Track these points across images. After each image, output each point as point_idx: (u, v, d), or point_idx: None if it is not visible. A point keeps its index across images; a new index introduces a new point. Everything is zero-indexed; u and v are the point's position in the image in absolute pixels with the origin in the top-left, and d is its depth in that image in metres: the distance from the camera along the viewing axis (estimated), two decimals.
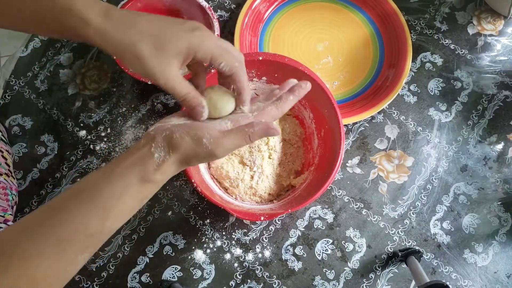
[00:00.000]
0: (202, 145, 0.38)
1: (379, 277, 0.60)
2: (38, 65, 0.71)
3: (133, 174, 0.36)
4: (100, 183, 0.36)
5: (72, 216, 0.35)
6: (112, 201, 0.36)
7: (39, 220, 0.35)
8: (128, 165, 0.37)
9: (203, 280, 0.59)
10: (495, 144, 0.68)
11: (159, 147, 0.37)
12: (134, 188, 0.37)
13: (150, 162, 0.37)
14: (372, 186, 0.64)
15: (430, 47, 0.74)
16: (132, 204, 0.37)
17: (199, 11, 0.67)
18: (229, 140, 0.39)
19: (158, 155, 0.37)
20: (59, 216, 0.35)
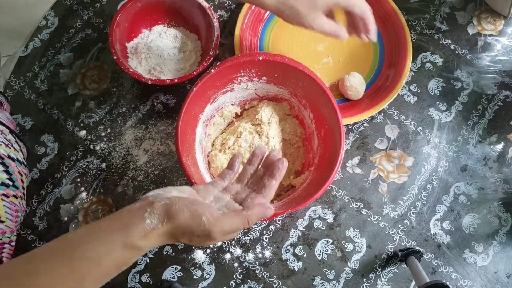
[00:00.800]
0: (200, 222, 0.37)
1: (379, 277, 0.60)
2: (38, 65, 0.71)
3: (118, 238, 0.35)
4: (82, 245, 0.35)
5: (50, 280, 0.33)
6: (91, 266, 0.35)
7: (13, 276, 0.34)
8: (114, 228, 0.36)
9: (203, 280, 0.59)
10: (495, 144, 0.68)
11: (153, 213, 0.37)
12: (116, 252, 0.35)
13: (139, 228, 0.36)
14: (372, 186, 0.64)
15: (430, 47, 0.74)
16: (111, 269, 0.36)
17: (199, 11, 0.67)
18: (228, 221, 0.39)
19: (150, 221, 0.36)
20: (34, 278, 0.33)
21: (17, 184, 0.56)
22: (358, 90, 0.66)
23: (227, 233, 0.39)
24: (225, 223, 0.39)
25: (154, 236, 0.37)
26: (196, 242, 0.40)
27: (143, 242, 0.36)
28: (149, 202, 0.37)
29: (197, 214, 0.37)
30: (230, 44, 0.71)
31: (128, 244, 0.35)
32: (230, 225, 0.39)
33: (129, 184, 0.63)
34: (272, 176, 0.44)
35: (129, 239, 0.35)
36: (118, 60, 0.61)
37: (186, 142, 0.55)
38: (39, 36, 0.73)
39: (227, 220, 0.39)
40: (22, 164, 0.59)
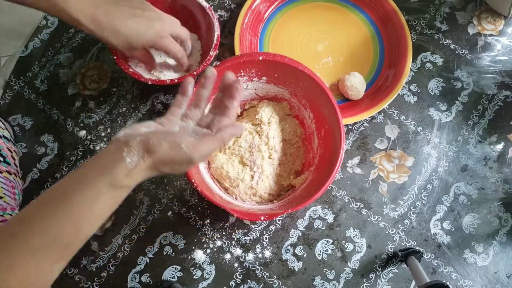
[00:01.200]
0: (181, 150, 0.40)
1: (379, 277, 0.60)
2: (38, 65, 0.71)
3: (103, 181, 0.37)
4: (71, 191, 0.36)
5: (47, 226, 0.35)
6: (84, 209, 0.36)
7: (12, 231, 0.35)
8: (98, 172, 0.37)
9: (203, 280, 0.59)
10: (495, 144, 0.68)
11: (132, 152, 0.38)
12: (105, 195, 0.37)
13: (121, 167, 0.37)
14: (372, 186, 0.64)
15: (430, 47, 0.74)
16: (104, 210, 0.38)
17: (199, 11, 0.67)
18: (205, 146, 0.42)
19: (130, 160, 0.38)
20: (32, 226, 0.35)
21: (8, 160, 0.56)
22: (358, 90, 0.66)
23: (206, 156, 0.43)
24: (203, 148, 0.41)
25: (137, 172, 0.38)
26: (177, 169, 0.42)
27: (128, 180, 0.38)
28: (123, 142, 0.38)
29: (176, 143, 0.40)
30: (230, 44, 0.70)
31: (114, 184, 0.37)
32: (208, 149, 0.42)
33: None
34: (232, 97, 0.46)
35: (114, 180, 0.37)
36: (118, 60, 0.61)
37: None
38: (39, 36, 0.73)
39: (204, 145, 0.42)
40: (10, 141, 0.59)
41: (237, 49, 0.68)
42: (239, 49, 0.68)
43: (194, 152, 0.40)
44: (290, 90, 0.61)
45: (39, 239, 0.34)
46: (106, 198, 0.37)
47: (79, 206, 0.36)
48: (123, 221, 0.61)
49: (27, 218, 0.36)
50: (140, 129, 0.41)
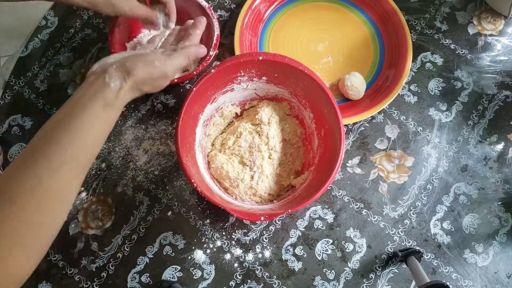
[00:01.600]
0: (155, 66, 0.46)
1: (379, 277, 0.60)
2: (38, 65, 0.71)
3: (97, 104, 0.42)
4: (69, 119, 0.41)
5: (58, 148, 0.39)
6: (86, 130, 0.41)
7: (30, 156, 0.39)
8: (88, 98, 0.42)
9: (203, 280, 0.59)
10: (496, 144, 0.68)
11: (113, 77, 0.43)
12: (100, 115, 0.42)
13: (108, 91, 0.43)
14: (372, 186, 0.64)
15: (430, 47, 0.74)
16: (102, 129, 0.43)
17: (199, 11, 0.67)
18: (174, 60, 0.49)
19: (114, 84, 0.43)
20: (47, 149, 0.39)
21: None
22: (359, 89, 0.66)
23: (177, 70, 0.50)
24: (174, 62, 0.49)
25: (123, 94, 0.44)
26: (156, 85, 0.48)
27: (117, 101, 0.44)
28: (101, 71, 0.44)
29: (149, 61, 0.46)
30: (230, 44, 0.70)
31: (107, 104, 0.43)
32: (177, 62, 0.49)
33: (128, 184, 0.63)
34: (195, 27, 0.54)
35: (106, 100, 0.43)
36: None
37: (186, 142, 0.55)
38: (39, 36, 0.73)
39: (174, 59, 0.49)
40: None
41: (237, 49, 0.68)
42: (239, 49, 0.68)
43: (166, 65, 0.47)
44: (290, 90, 0.61)
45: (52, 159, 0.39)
46: (102, 118, 0.42)
47: (81, 128, 0.40)
48: (123, 221, 0.61)
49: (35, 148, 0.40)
50: (109, 60, 0.46)
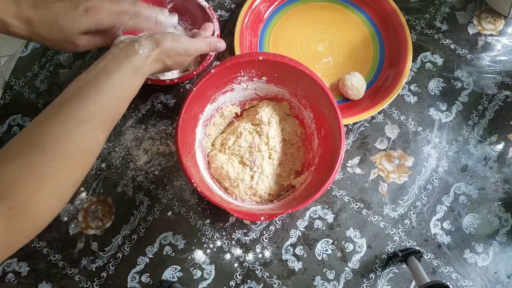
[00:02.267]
0: (181, 41, 0.51)
1: (379, 277, 0.60)
2: (38, 65, 0.71)
3: (126, 68, 0.45)
4: (101, 77, 0.44)
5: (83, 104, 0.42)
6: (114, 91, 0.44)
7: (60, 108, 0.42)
8: (118, 62, 0.45)
9: (203, 280, 0.59)
10: (496, 144, 0.68)
11: (143, 45, 0.47)
12: (128, 78, 0.45)
13: (137, 57, 0.46)
14: (372, 186, 0.64)
15: (430, 47, 0.74)
16: (130, 92, 0.47)
17: (199, 11, 0.67)
18: (198, 42, 0.54)
19: (143, 51, 0.47)
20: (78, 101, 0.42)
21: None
22: (359, 89, 0.66)
23: (198, 51, 0.55)
24: (197, 43, 0.54)
25: (149, 62, 0.48)
26: (178, 61, 0.52)
27: (145, 67, 0.47)
28: (132, 40, 0.48)
29: (177, 37, 0.51)
30: (230, 44, 0.70)
31: (136, 69, 0.46)
32: (200, 46, 0.55)
33: (129, 184, 0.63)
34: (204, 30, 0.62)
35: (135, 66, 0.46)
36: None
37: (186, 142, 0.55)
38: None
39: (197, 42, 0.54)
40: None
41: (237, 49, 0.68)
42: (239, 49, 0.68)
43: (191, 43, 0.52)
44: (290, 90, 0.61)
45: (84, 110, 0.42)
46: (129, 82, 0.46)
47: (110, 88, 0.44)
48: (123, 221, 0.61)
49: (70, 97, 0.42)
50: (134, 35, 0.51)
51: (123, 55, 0.46)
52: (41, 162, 0.39)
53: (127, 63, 0.45)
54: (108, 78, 0.44)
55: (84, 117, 0.42)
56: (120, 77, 0.44)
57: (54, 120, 0.41)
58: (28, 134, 0.41)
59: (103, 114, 0.43)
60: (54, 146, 0.40)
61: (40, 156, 0.39)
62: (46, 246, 0.60)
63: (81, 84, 0.44)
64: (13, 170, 0.38)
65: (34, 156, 0.39)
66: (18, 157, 0.39)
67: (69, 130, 0.41)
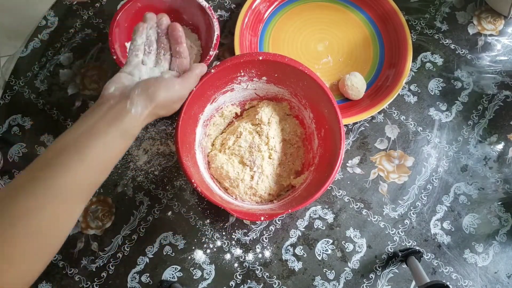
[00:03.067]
0: (175, 90, 0.47)
1: (379, 277, 0.60)
2: (38, 65, 0.71)
3: (115, 131, 0.41)
4: (84, 140, 0.40)
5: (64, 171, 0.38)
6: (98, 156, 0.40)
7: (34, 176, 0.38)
8: (107, 123, 0.41)
9: (203, 280, 0.59)
10: (496, 144, 0.68)
11: (134, 103, 0.43)
12: (117, 142, 0.41)
13: (128, 117, 0.42)
14: (372, 186, 0.64)
15: (430, 47, 0.74)
16: (115, 158, 0.42)
17: (199, 11, 0.67)
18: (190, 82, 0.50)
19: (135, 110, 0.43)
20: (54, 170, 0.38)
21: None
22: (359, 89, 0.66)
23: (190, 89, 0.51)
24: (190, 84, 0.50)
25: (141, 121, 0.44)
26: (173, 108, 0.49)
27: (135, 128, 0.43)
28: (121, 95, 0.44)
29: (170, 86, 0.46)
30: (230, 44, 0.70)
31: (125, 133, 0.42)
32: (192, 85, 0.51)
33: (129, 184, 0.63)
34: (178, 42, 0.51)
35: (125, 129, 0.42)
36: (118, 60, 0.61)
37: (186, 142, 0.55)
38: (39, 36, 0.73)
39: (188, 81, 0.50)
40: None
41: (237, 49, 0.68)
42: (239, 49, 0.68)
43: (184, 88, 0.49)
44: (290, 90, 0.61)
45: (60, 181, 0.37)
46: (116, 146, 0.42)
47: (92, 155, 0.39)
48: (123, 221, 0.61)
49: (45, 165, 0.38)
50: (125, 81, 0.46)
51: (112, 116, 0.41)
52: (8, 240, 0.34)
53: (116, 125, 0.41)
54: (92, 142, 0.39)
55: (60, 189, 0.37)
56: (106, 141, 0.40)
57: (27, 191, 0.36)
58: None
59: (82, 184, 0.39)
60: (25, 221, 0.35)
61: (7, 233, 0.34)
62: None
63: (62, 146, 0.39)
64: None
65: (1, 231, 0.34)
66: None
67: (43, 204, 0.36)
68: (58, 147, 0.40)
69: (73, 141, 0.40)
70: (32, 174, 0.38)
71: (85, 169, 0.39)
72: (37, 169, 0.38)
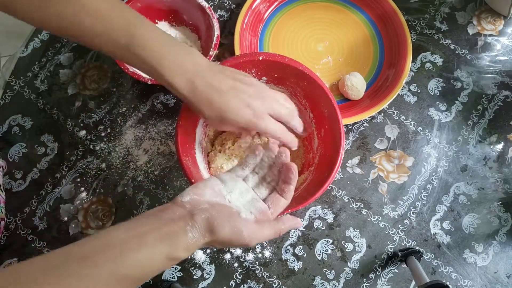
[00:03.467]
0: (241, 237, 0.40)
1: (379, 277, 0.60)
2: (38, 65, 0.71)
3: (162, 249, 0.36)
4: (127, 246, 0.35)
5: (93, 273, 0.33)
6: (134, 270, 0.35)
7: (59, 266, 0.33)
8: (159, 236, 0.36)
9: (203, 280, 0.59)
10: (495, 144, 0.68)
11: (195, 228, 0.38)
12: (159, 262, 0.36)
13: (182, 240, 0.37)
14: (372, 186, 0.64)
15: (430, 47, 0.74)
16: (150, 274, 0.37)
17: (199, 11, 0.67)
18: (263, 234, 0.42)
19: (192, 235, 0.38)
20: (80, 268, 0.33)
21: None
22: (359, 89, 0.66)
23: (261, 241, 0.43)
24: (262, 236, 0.42)
25: (194, 247, 0.38)
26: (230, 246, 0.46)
27: (184, 253, 0.38)
28: (189, 213, 0.39)
29: (238, 229, 0.40)
30: (230, 44, 0.71)
31: (171, 256, 0.37)
32: (265, 236, 0.42)
33: (129, 184, 0.63)
34: (288, 183, 0.46)
35: (173, 252, 0.37)
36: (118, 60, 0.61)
37: (186, 142, 0.55)
38: (39, 36, 0.73)
39: (262, 233, 0.42)
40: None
41: (237, 49, 0.68)
42: (239, 49, 0.68)
43: (252, 239, 0.41)
44: (290, 90, 0.61)
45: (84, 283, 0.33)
46: (158, 266, 0.37)
47: (131, 266, 0.35)
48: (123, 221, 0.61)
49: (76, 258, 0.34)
50: (204, 193, 0.42)
51: (168, 232, 0.37)
52: None
53: (168, 244, 0.36)
54: (135, 253, 0.35)
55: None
56: (149, 257, 0.35)
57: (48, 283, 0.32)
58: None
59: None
60: None
61: None
62: (46, 246, 0.60)
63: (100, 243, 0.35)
64: None
65: None
66: None
67: None
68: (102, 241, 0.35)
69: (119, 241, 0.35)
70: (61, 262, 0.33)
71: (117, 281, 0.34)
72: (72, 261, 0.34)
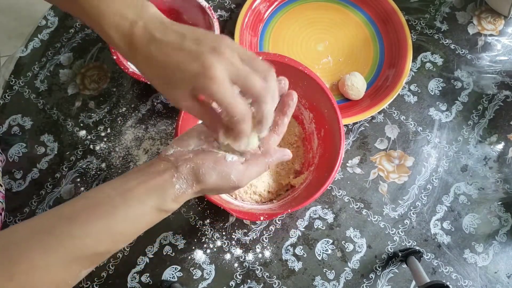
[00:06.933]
0: (230, 180, 0.39)
1: (379, 277, 0.60)
2: (38, 65, 0.71)
3: (151, 202, 0.37)
4: (116, 202, 0.36)
5: (85, 232, 0.34)
6: (126, 225, 0.36)
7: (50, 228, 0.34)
8: (146, 190, 0.37)
9: (203, 280, 0.59)
10: (496, 144, 0.68)
11: (181, 179, 0.38)
12: (149, 215, 0.37)
13: (170, 192, 0.37)
14: (372, 186, 0.64)
15: (430, 47, 0.74)
16: (143, 228, 0.38)
17: (199, 11, 0.67)
18: (252, 171, 0.41)
19: (179, 186, 0.38)
20: (70, 228, 0.34)
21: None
22: (359, 89, 0.66)
23: (252, 179, 0.42)
24: (251, 174, 0.41)
25: (183, 197, 0.39)
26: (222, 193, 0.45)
27: (174, 204, 0.38)
28: (173, 165, 0.38)
29: (225, 174, 0.39)
30: None
31: (160, 208, 0.37)
32: (254, 174, 0.41)
33: None
34: (283, 113, 0.43)
35: (162, 204, 0.37)
36: (118, 60, 0.61)
37: None
38: (39, 36, 0.73)
39: (251, 171, 0.41)
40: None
41: None
42: None
43: (242, 180, 0.40)
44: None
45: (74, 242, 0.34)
46: (148, 219, 0.37)
47: (121, 221, 0.36)
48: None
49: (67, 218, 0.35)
50: (189, 143, 0.40)
51: (155, 185, 0.37)
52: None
53: (156, 196, 0.37)
54: (124, 208, 0.35)
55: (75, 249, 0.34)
56: (139, 211, 0.36)
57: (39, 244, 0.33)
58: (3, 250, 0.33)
59: (99, 248, 0.35)
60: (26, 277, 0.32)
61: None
62: None
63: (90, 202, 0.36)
64: None
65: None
66: None
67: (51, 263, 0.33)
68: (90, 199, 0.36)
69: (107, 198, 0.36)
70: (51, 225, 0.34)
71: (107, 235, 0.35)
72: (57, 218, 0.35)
